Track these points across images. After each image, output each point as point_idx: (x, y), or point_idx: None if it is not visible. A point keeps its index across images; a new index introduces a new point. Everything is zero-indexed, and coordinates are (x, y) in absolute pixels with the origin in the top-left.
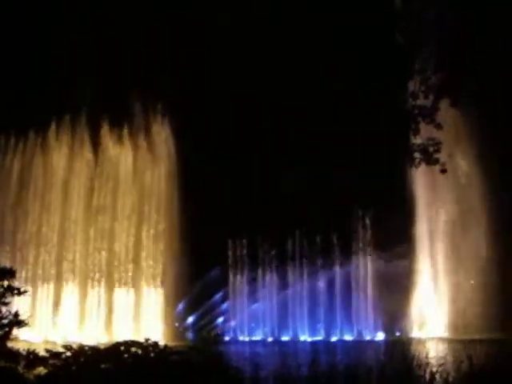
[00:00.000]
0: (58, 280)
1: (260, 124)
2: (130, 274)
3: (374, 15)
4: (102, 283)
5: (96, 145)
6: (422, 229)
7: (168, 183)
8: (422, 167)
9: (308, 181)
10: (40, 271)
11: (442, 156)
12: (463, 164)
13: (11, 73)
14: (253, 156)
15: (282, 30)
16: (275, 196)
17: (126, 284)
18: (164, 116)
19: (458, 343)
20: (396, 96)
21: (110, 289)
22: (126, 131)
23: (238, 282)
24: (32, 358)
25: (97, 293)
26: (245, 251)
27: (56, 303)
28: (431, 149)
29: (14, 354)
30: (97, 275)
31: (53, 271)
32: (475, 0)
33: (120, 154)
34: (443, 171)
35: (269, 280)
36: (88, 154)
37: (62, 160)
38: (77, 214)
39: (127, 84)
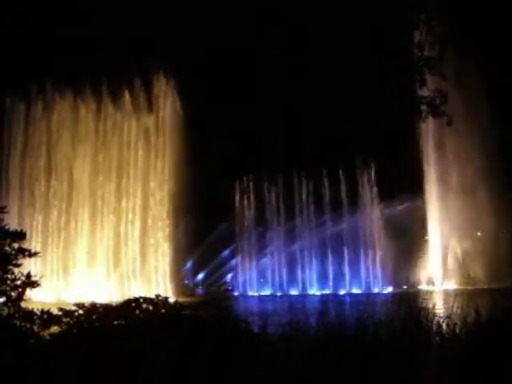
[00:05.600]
0: (68, 241)
1: (261, 70)
2: (138, 232)
3: None
4: (111, 242)
5: (99, 106)
6: (431, 181)
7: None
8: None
9: (313, 134)
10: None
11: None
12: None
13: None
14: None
15: None
16: (280, 151)
17: (134, 242)
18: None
19: (466, 294)
20: (402, 47)
21: (118, 247)
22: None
23: (246, 237)
24: (46, 318)
25: (106, 252)
26: (252, 204)
27: (67, 264)
28: (438, 101)
29: (29, 314)
30: (105, 235)
31: (62, 232)
32: None
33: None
34: (449, 123)
35: (277, 235)
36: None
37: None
38: (83, 176)
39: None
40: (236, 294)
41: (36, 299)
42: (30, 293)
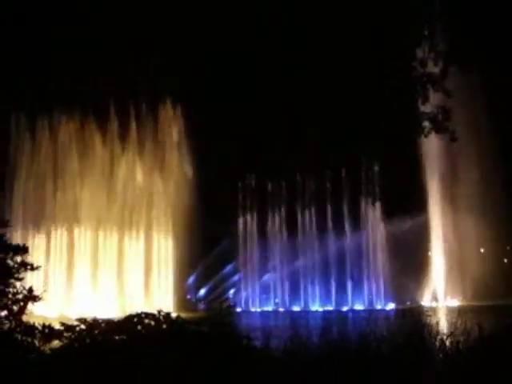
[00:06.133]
0: (71, 253)
1: (265, 74)
2: (141, 245)
3: None
4: (114, 259)
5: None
6: (435, 198)
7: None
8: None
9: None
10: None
11: (452, 124)
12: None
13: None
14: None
15: None
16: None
17: (137, 257)
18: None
19: (470, 311)
20: (405, 63)
21: (121, 264)
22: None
23: (249, 252)
24: (47, 332)
25: (109, 269)
26: (255, 219)
27: (69, 277)
28: (440, 117)
29: (31, 329)
30: (108, 250)
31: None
32: None
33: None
34: (453, 139)
35: (279, 251)
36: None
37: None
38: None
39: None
40: (238, 309)
41: (38, 314)
42: (31, 307)
